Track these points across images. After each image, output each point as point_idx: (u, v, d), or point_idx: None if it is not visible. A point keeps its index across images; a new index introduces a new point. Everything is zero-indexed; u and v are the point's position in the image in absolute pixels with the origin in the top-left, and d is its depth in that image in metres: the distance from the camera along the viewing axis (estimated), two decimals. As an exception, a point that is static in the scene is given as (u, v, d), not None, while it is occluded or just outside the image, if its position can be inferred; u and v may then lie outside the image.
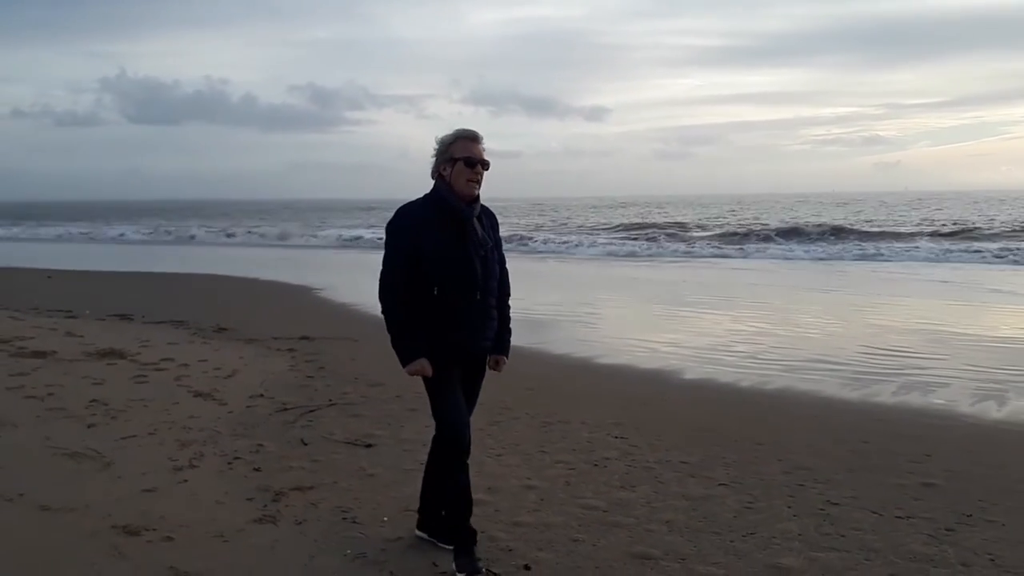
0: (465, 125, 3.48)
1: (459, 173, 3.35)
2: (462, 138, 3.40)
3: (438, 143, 3.44)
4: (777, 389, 7.09)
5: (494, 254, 3.52)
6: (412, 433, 5.55)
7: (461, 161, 3.36)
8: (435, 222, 3.35)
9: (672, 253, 26.70)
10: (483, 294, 3.43)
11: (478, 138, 3.43)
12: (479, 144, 3.42)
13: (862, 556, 3.69)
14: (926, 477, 4.74)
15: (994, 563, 3.62)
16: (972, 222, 35.35)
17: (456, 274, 3.34)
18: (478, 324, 3.44)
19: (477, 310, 3.42)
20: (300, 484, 4.56)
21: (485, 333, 3.50)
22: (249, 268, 21.04)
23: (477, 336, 3.46)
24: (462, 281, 3.35)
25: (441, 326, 3.35)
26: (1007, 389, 6.91)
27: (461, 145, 3.38)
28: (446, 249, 3.33)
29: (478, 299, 3.40)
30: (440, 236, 3.34)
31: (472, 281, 3.37)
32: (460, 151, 3.37)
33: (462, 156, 3.37)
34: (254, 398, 6.53)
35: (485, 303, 3.46)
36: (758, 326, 10.72)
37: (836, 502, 4.36)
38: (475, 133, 3.44)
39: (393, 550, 3.73)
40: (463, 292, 3.36)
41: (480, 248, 3.41)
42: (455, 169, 3.36)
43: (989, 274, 18.45)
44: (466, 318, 3.38)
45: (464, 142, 3.39)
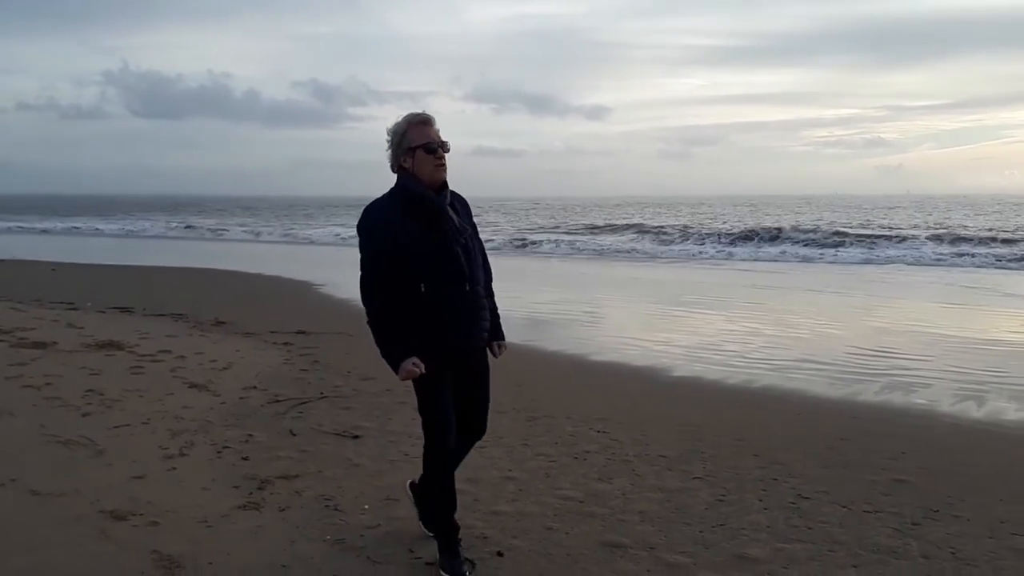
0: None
1: (422, 161, 3.21)
2: (415, 124, 3.23)
3: (390, 134, 3.27)
4: (762, 387, 7.20)
5: (474, 241, 3.39)
6: (399, 425, 5.67)
7: (421, 149, 3.21)
8: (407, 217, 3.20)
9: (670, 253, 26.77)
10: (472, 284, 3.30)
11: (430, 120, 3.25)
12: (433, 126, 3.25)
13: (827, 547, 3.80)
14: (898, 474, 4.84)
15: (954, 556, 3.72)
16: (969, 226, 35.27)
17: (441, 268, 3.21)
18: (474, 316, 3.34)
19: (470, 302, 3.30)
20: (286, 473, 4.68)
21: (481, 324, 3.40)
22: (252, 263, 21.21)
23: (474, 329, 3.36)
24: (449, 274, 3.23)
25: (435, 325, 3.23)
26: (988, 390, 7.00)
27: (416, 132, 3.22)
28: (425, 243, 3.19)
29: (468, 290, 3.28)
30: (416, 230, 3.18)
31: (459, 273, 3.24)
32: (417, 138, 3.21)
33: (421, 143, 3.21)
34: (247, 390, 6.66)
35: (475, 293, 3.34)
36: (749, 326, 10.82)
37: (807, 496, 4.47)
38: (426, 116, 3.26)
39: (372, 536, 3.85)
40: (452, 286, 3.24)
41: (459, 236, 3.27)
42: (416, 158, 3.21)
43: (983, 277, 18.52)
44: (460, 312, 3.28)
45: (418, 128, 3.23)
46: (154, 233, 41.63)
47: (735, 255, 25.50)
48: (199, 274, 18.38)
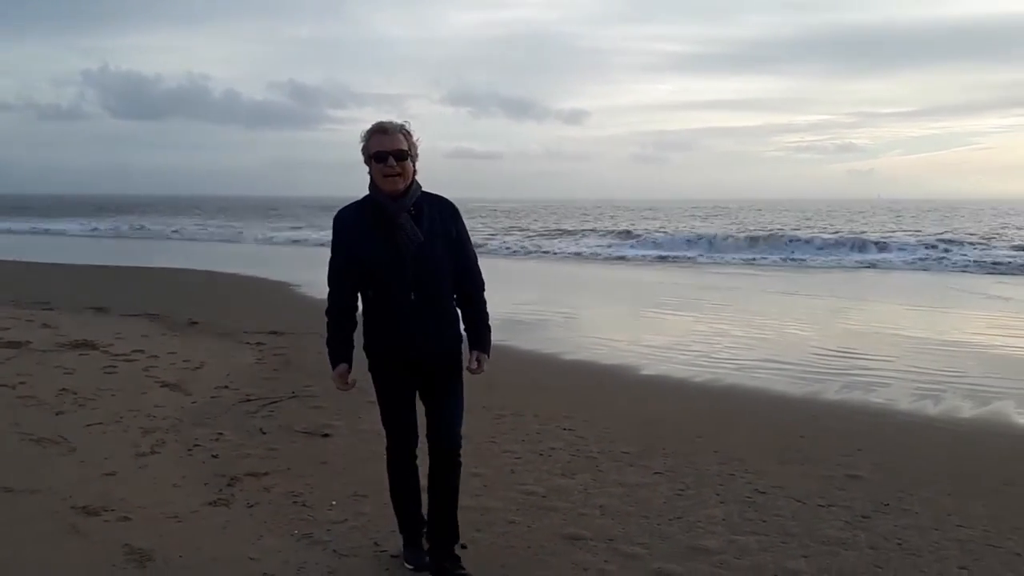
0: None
1: (375, 170, 3.24)
2: (374, 133, 3.26)
3: (361, 140, 3.32)
4: (725, 386, 7.37)
5: (435, 249, 3.29)
6: (369, 424, 5.74)
7: (372, 158, 3.25)
8: (366, 222, 3.28)
9: (643, 256, 26.98)
10: (419, 293, 3.26)
11: (387, 129, 3.25)
12: (389, 134, 3.24)
13: (779, 539, 3.95)
14: (853, 469, 5.01)
15: (900, 547, 3.88)
16: (933, 232, 35.80)
17: (386, 274, 3.24)
18: (416, 327, 3.27)
19: (413, 311, 3.26)
20: (255, 470, 4.77)
21: (429, 337, 3.31)
22: (228, 263, 21.17)
23: (415, 340, 3.29)
24: (392, 282, 3.25)
25: (378, 329, 3.32)
26: (945, 389, 7.21)
27: (373, 140, 3.25)
28: (374, 249, 3.24)
29: (412, 300, 3.25)
30: (370, 237, 3.25)
31: (403, 281, 3.23)
32: (372, 146, 3.25)
33: (373, 152, 3.25)
34: (219, 389, 6.73)
35: (422, 303, 3.27)
36: (717, 327, 11.02)
37: (763, 491, 4.62)
38: (384, 124, 3.27)
39: (338, 531, 3.95)
40: (395, 293, 3.25)
41: (410, 245, 3.23)
42: (372, 167, 3.26)
43: (949, 280, 18.89)
44: (400, 321, 3.26)
45: (376, 137, 3.25)
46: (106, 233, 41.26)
47: (704, 259, 25.74)
48: (175, 274, 18.36)
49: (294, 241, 34.73)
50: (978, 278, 19.34)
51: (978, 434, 5.92)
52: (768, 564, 3.68)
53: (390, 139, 3.24)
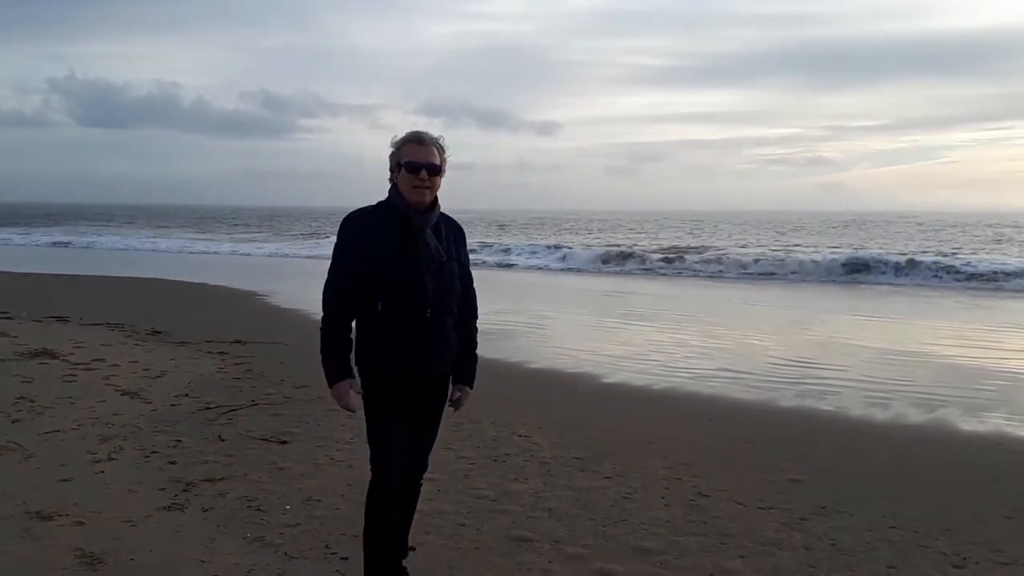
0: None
1: (404, 179, 3.11)
2: (409, 140, 3.15)
3: (391, 145, 3.21)
4: (681, 394, 7.54)
5: (452, 269, 3.21)
6: (328, 431, 5.85)
7: (404, 167, 3.11)
8: (384, 230, 3.11)
9: (613, 268, 27.21)
10: (435, 312, 3.12)
11: (423, 140, 3.14)
12: (425, 146, 3.13)
13: (718, 540, 4.10)
14: (795, 474, 5.17)
15: (833, 547, 4.04)
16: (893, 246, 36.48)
17: (403, 288, 3.07)
18: (428, 345, 3.14)
19: (427, 329, 3.12)
20: (211, 476, 4.83)
21: (439, 356, 3.20)
22: (195, 273, 21.08)
23: (427, 358, 3.16)
24: (410, 296, 3.08)
25: (385, 345, 3.10)
26: (894, 398, 7.43)
27: (407, 149, 3.13)
28: (393, 260, 3.07)
29: (428, 317, 3.10)
30: (387, 246, 3.08)
31: (421, 297, 3.08)
32: (405, 155, 3.12)
33: (405, 161, 3.11)
34: (179, 397, 6.77)
35: (437, 322, 3.15)
36: (678, 337, 11.23)
37: (707, 494, 4.77)
38: (421, 135, 3.16)
39: (291, 534, 4.03)
40: (411, 308, 3.08)
41: (432, 261, 3.11)
42: (401, 175, 3.12)
43: (906, 292, 19.31)
44: (413, 337, 3.10)
45: (410, 146, 3.14)
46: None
47: (674, 271, 26.01)
48: (140, 283, 18.26)
49: (243, 253, 34.24)
50: (940, 291, 19.78)
51: (921, 440, 6.12)
52: (706, 564, 3.81)
53: (426, 151, 3.13)
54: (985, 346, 10.79)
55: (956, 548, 4.03)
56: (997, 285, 20.02)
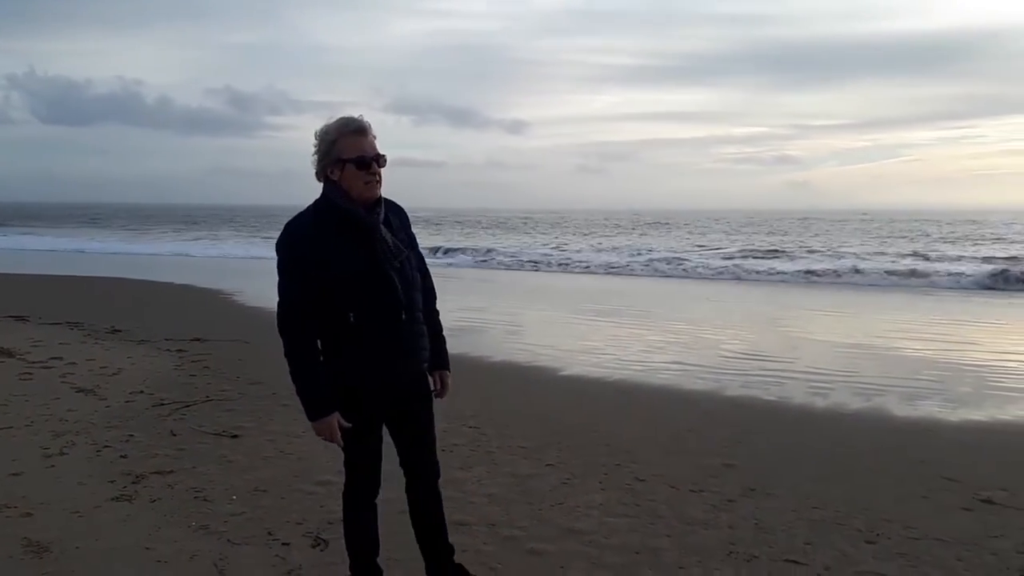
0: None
1: (352, 177, 2.82)
2: (347, 133, 2.82)
3: (318, 139, 2.86)
4: (630, 385, 7.75)
5: (410, 262, 2.98)
6: (280, 425, 5.97)
7: (352, 163, 2.81)
8: (336, 236, 2.82)
9: (577, 265, 27.48)
10: (408, 312, 2.92)
11: (366, 129, 2.85)
12: (368, 136, 2.85)
13: (648, 521, 4.29)
14: (730, 459, 5.38)
15: (757, 526, 4.25)
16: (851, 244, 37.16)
17: (374, 295, 2.83)
18: (410, 348, 2.95)
19: (405, 333, 2.91)
20: (161, 469, 4.95)
21: (418, 355, 3.02)
22: (164, 272, 21.02)
23: (408, 363, 2.97)
24: (383, 303, 2.84)
25: (363, 360, 2.86)
26: (835, 387, 7.69)
27: (348, 142, 2.82)
28: (354, 266, 2.81)
29: (404, 320, 2.89)
30: (345, 251, 2.81)
31: (393, 300, 2.86)
32: (349, 150, 2.81)
33: (352, 157, 2.81)
34: (134, 394, 6.85)
35: (412, 320, 2.94)
36: (634, 332, 11.47)
37: (643, 479, 4.96)
38: (361, 124, 2.85)
39: (235, 523, 4.17)
40: (386, 316, 2.86)
41: (394, 259, 2.88)
42: (345, 173, 2.82)
43: (857, 289, 19.76)
44: (393, 346, 2.88)
45: (350, 138, 2.82)
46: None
47: (641, 269, 26.32)
48: (102, 283, 18.17)
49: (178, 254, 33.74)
50: (883, 289, 20.25)
51: (855, 427, 6.36)
52: (633, 543, 4.01)
53: (371, 142, 2.87)
54: (928, 338, 11.13)
55: (872, 526, 4.25)
56: (931, 281, 20.44)
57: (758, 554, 3.88)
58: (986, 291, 18.45)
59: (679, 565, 3.76)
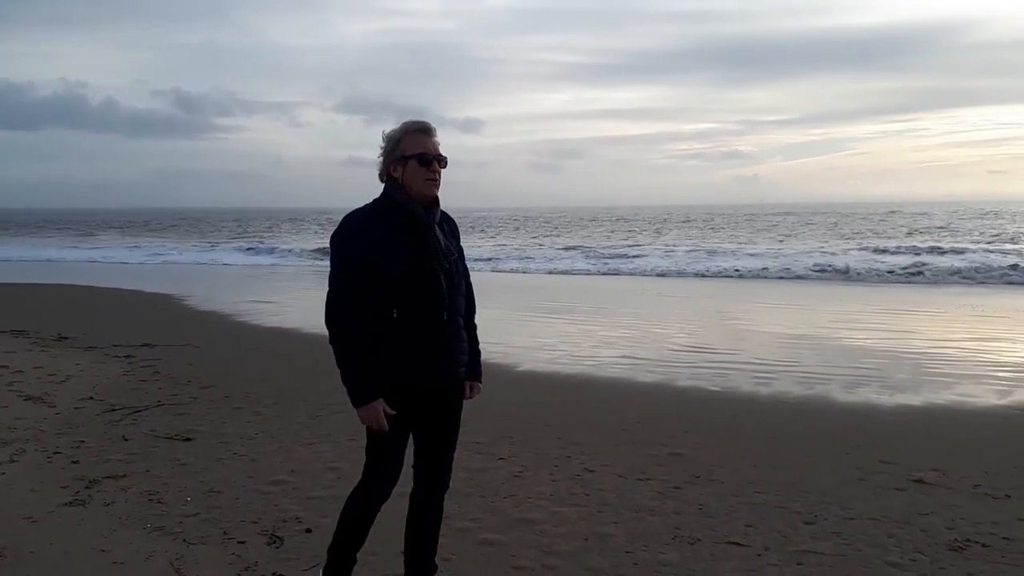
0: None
1: (413, 173, 2.89)
2: (412, 131, 2.94)
3: (385, 140, 2.97)
4: (581, 380, 7.91)
5: (458, 267, 3.06)
6: (232, 428, 6.00)
7: (414, 159, 2.89)
8: (391, 231, 2.89)
9: (534, 264, 27.69)
10: (451, 313, 2.98)
11: (431, 130, 2.96)
12: (433, 137, 2.96)
13: (596, 509, 4.43)
14: (676, 448, 5.56)
15: (700, 511, 4.42)
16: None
17: (420, 292, 2.88)
18: (448, 349, 2.99)
19: (446, 333, 2.97)
20: (114, 473, 4.95)
21: (457, 358, 3.06)
22: (111, 278, 20.69)
23: (448, 363, 3.02)
24: (427, 300, 2.90)
25: (404, 355, 2.90)
26: (779, 376, 7.94)
27: (412, 140, 2.92)
28: (406, 263, 2.86)
29: (445, 320, 2.95)
30: (398, 248, 2.87)
31: (438, 299, 2.92)
32: (412, 147, 2.91)
33: (415, 153, 2.90)
34: (83, 401, 6.80)
35: (453, 323, 3.01)
36: (587, 328, 11.66)
37: (592, 469, 5.11)
38: (427, 125, 2.97)
39: (190, 523, 4.20)
40: (429, 313, 2.91)
41: (444, 260, 2.96)
42: (408, 169, 2.90)
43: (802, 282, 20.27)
44: (433, 344, 2.94)
45: (415, 136, 2.93)
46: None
47: (596, 267, 26.62)
48: (48, 290, 17.83)
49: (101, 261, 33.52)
50: (832, 282, 20.80)
51: (797, 414, 6.59)
52: (582, 530, 4.14)
53: (435, 142, 2.97)
54: (871, 328, 11.50)
55: (810, 508, 4.45)
56: (879, 276, 21.08)
57: (701, 537, 4.04)
58: (923, 284, 19.08)
59: (626, 550, 3.90)
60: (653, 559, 3.80)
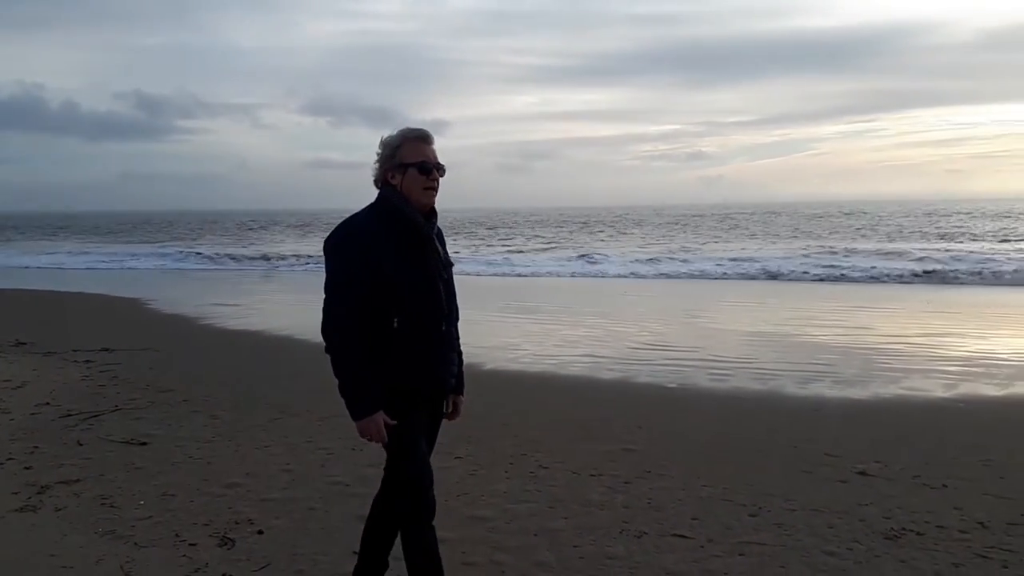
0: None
1: (413, 181, 2.86)
2: (412, 139, 2.90)
3: (382, 146, 2.93)
4: (541, 379, 8.00)
5: (452, 275, 3.08)
6: (189, 432, 5.99)
7: (414, 167, 2.86)
8: (390, 240, 2.82)
9: (494, 264, 27.78)
10: (448, 324, 2.98)
11: (429, 138, 2.93)
12: (431, 144, 2.93)
13: (547, 505, 4.51)
14: (629, 444, 5.66)
15: (649, 505, 4.52)
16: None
17: (421, 302, 2.85)
18: (444, 358, 2.98)
19: (444, 343, 2.96)
20: (67, 478, 4.94)
21: (451, 368, 3.05)
22: (71, 283, 20.43)
23: (444, 373, 3.00)
24: (427, 310, 2.87)
25: (404, 365, 2.85)
26: (734, 373, 8.09)
27: (411, 148, 2.88)
28: (407, 272, 2.83)
29: (444, 330, 2.94)
30: (398, 256, 2.82)
31: (439, 310, 2.91)
32: (411, 155, 2.87)
33: (414, 161, 2.86)
34: (39, 406, 6.75)
35: (450, 335, 3.02)
36: (551, 328, 11.76)
37: (546, 467, 5.19)
38: (426, 133, 2.94)
39: (142, 526, 4.21)
40: (428, 323, 2.88)
41: (444, 270, 2.96)
42: (407, 177, 2.86)
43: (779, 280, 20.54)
44: (432, 353, 2.92)
45: (415, 144, 2.89)
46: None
47: (564, 268, 26.75)
48: (6, 295, 17.55)
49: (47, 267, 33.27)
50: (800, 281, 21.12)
51: (752, 409, 6.73)
52: (532, 526, 4.22)
53: (433, 150, 2.94)
54: (828, 325, 11.72)
55: (755, 500, 4.56)
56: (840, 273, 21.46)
57: (648, 530, 4.14)
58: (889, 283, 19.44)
59: (574, 544, 3.98)
60: (600, 552, 3.89)
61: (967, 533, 4.03)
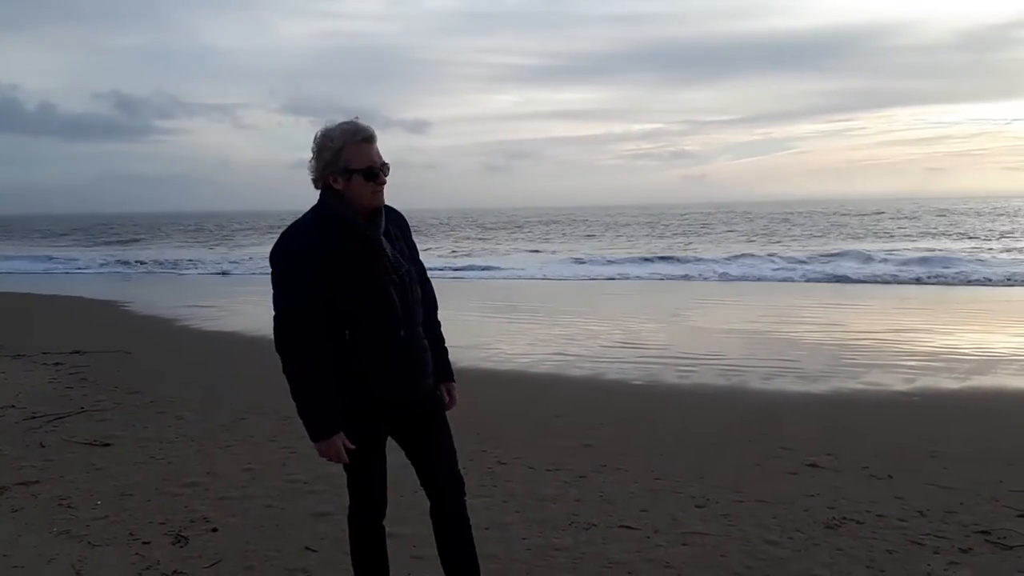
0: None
1: (360, 187, 2.65)
2: (355, 142, 2.64)
3: (318, 144, 2.67)
4: (510, 377, 8.09)
5: (411, 274, 2.82)
6: (153, 432, 6.03)
7: (359, 174, 2.64)
8: (334, 247, 2.64)
9: (480, 267, 27.85)
10: (407, 329, 2.77)
11: (373, 137, 2.68)
12: (374, 143, 2.68)
13: (502, 500, 4.58)
14: (589, 440, 5.73)
15: (601, 498, 4.59)
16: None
17: (371, 311, 2.68)
18: (411, 364, 2.80)
19: (403, 349, 2.76)
20: (26, 480, 4.97)
21: (421, 370, 2.86)
22: (45, 285, 20.33)
23: (413, 378, 2.82)
24: (381, 319, 2.70)
25: (361, 378, 2.71)
26: (700, 369, 8.19)
27: (356, 151, 2.64)
28: (353, 280, 2.65)
29: (403, 336, 2.75)
30: (343, 265, 2.64)
31: (393, 317, 2.71)
32: (356, 160, 2.63)
33: (360, 167, 2.64)
34: (4, 409, 6.76)
35: (412, 337, 2.81)
36: (524, 327, 11.86)
37: (504, 462, 5.26)
38: (370, 132, 2.67)
39: (97, 526, 4.25)
40: (382, 332, 2.71)
41: (394, 273, 2.73)
42: (352, 183, 2.64)
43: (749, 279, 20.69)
44: (392, 364, 2.73)
45: (360, 147, 2.64)
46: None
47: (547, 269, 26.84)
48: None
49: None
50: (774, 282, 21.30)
51: (714, 404, 6.83)
52: (484, 520, 4.26)
53: (377, 149, 2.71)
54: (800, 322, 11.86)
55: (704, 492, 4.65)
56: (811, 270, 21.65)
57: (596, 522, 4.22)
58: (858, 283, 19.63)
59: (523, 536, 4.06)
60: (547, 544, 3.96)
61: (905, 521, 4.13)
